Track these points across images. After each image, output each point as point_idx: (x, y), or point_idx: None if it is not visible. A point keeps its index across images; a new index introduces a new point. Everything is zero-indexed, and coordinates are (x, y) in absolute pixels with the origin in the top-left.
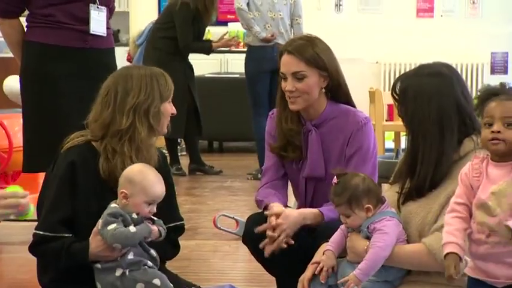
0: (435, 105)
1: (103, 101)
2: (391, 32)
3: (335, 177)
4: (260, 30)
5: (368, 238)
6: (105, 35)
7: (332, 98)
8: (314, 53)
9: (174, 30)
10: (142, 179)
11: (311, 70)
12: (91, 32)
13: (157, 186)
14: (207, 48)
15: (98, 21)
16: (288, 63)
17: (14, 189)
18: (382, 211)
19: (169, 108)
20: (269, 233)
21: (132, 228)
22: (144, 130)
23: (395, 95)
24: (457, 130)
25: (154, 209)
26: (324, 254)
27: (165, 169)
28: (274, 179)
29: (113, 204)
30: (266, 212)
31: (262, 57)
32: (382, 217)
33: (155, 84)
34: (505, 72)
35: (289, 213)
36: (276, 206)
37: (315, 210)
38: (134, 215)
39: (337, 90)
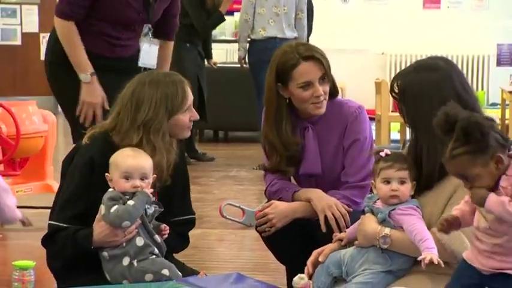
0: (437, 103)
1: (123, 109)
2: (398, 23)
3: (386, 150)
4: (244, 49)
5: (383, 222)
6: (155, 67)
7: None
8: (323, 54)
9: (186, 18)
10: (115, 156)
11: (329, 72)
12: (140, 65)
13: (129, 159)
14: (220, 16)
15: (148, 54)
16: (312, 69)
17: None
18: (408, 199)
19: (183, 119)
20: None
21: (130, 202)
22: (148, 149)
23: (394, 94)
24: None
25: (139, 184)
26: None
27: (182, 164)
28: (280, 178)
29: (110, 189)
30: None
31: (265, 48)
32: (409, 205)
33: (163, 98)
34: (511, 63)
35: (278, 204)
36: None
37: (304, 203)
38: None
39: (333, 87)
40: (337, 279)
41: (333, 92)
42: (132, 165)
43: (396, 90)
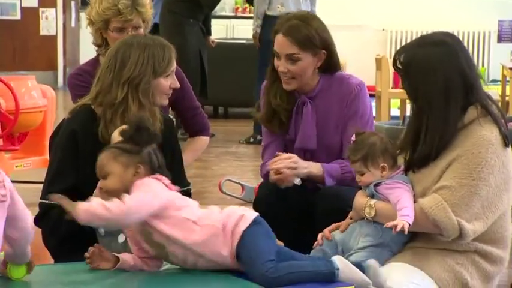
0: (441, 76)
1: (105, 67)
2: None
3: (353, 135)
4: (259, 25)
5: (372, 196)
6: None
7: (324, 70)
8: (309, 34)
9: None
10: (115, 135)
11: (304, 53)
12: None
13: None
14: None
15: None
16: (281, 45)
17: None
18: (395, 175)
19: (165, 84)
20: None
21: None
22: (134, 106)
23: (398, 67)
24: (461, 99)
25: None
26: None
27: (170, 135)
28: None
29: None
30: (277, 153)
31: None
32: (395, 180)
33: (150, 58)
34: None
35: (298, 160)
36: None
37: (318, 164)
38: None
39: (328, 64)
40: None
41: (330, 67)
42: None
43: (399, 64)
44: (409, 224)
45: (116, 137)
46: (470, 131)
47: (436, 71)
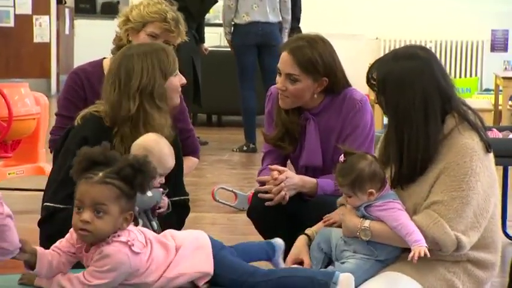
0: (419, 90)
1: (109, 83)
2: (392, 8)
3: (342, 155)
4: (229, 33)
5: (363, 217)
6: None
7: (328, 91)
8: (312, 58)
9: (180, 1)
10: (159, 150)
11: (305, 76)
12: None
13: (170, 159)
14: None
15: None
16: (284, 62)
17: None
18: (383, 194)
19: (176, 81)
20: (271, 185)
21: (148, 193)
22: (154, 112)
23: (372, 83)
24: (439, 112)
25: (163, 180)
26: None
27: (177, 145)
28: (275, 163)
29: None
30: (270, 166)
31: (248, 32)
32: (386, 200)
33: (156, 63)
34: (505, 49)
35: (291, 175)
36: (279, 166)
37: (313, 180)
38: None
39: (331, 88)
40: (330, 259)
41: (334, 90)
42: (171, 167)
43: (374, 80)
44: (426, 247)
45: (136, 148)
46: (451, 141)
47: (413, 84)
